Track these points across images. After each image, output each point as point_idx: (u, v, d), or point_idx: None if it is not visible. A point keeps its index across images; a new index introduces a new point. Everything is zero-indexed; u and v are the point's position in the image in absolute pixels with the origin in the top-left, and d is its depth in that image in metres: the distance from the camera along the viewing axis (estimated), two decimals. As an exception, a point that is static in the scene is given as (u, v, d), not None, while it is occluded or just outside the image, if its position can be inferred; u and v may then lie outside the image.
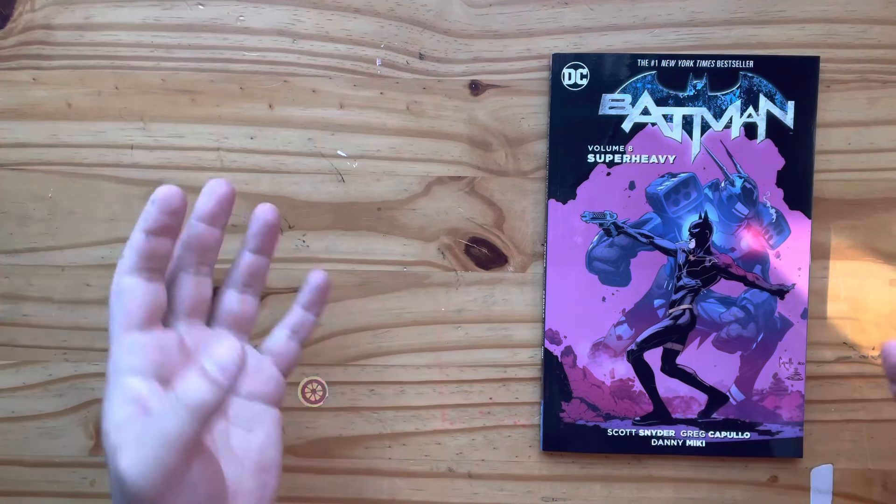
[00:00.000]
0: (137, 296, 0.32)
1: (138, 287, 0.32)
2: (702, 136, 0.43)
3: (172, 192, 0.32)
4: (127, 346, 0.32)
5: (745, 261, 0.43)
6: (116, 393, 0.31)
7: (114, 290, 0.33)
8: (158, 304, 0.33)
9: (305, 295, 0.39)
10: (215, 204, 0.34)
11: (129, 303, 0.32)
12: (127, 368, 0.31)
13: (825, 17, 0.43)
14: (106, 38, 0.44)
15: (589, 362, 0.44)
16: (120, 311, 0.32)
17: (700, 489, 0.45)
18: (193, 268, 0.35)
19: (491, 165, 0.44)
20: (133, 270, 0.32)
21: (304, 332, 0.39)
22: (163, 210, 0.32)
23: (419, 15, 0.44)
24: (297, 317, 0.38)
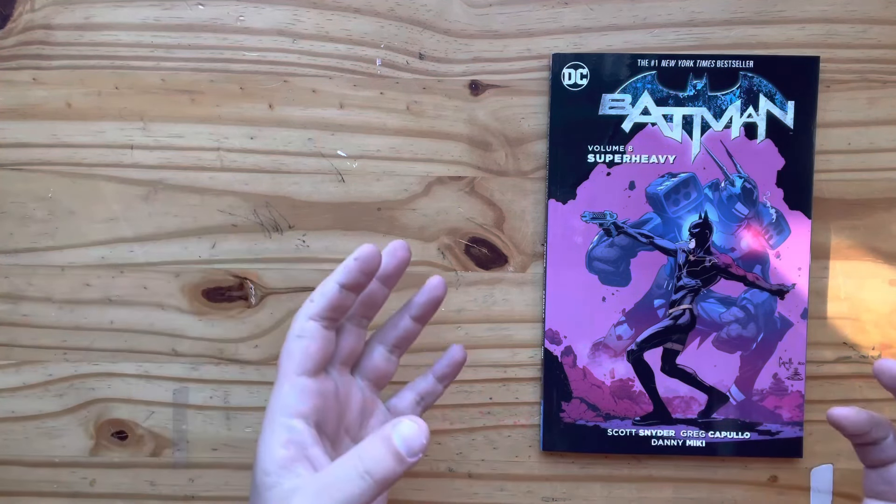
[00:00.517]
0: (318, 342, 0.33)
1: (320, 334, 0.34)
2: (702, 136, 0.43)
3: (374, 253, 0.34)
4: (297, 388, 0.33)
5: (745, 261, 0.43)
6: (280, 432, 0.32)
7: (296, 331, 0.34)
8: (331, 352, 0.35)
9: (442, 366, 0.40)
10: (395, 267, 0.36)
11: (308, 347, 0.33)
12: (293, 410, 0.32)
13: (825, 17, 0.43)
14: (106, 38, 0.44)
15: (589, 362, 0.44)
16: (300, 353, 0.33)
17: (700, 489, 0.45)
18: (357, 321, 0.37)
19: (491, 165, 0.44)
20: (319, 317, 0.34)
21: (429, 401, 0.40)
22: (363, 269, 0.34)
23: (419, 15, 0.44)
24: (429, 385, 0.39)
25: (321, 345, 0.34)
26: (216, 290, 0.45)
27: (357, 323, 0.37)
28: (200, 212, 0.44)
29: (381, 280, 0.36)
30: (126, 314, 0.45)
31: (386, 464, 0.29)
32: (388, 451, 0.29)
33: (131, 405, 0.45)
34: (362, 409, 0.37)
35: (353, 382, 0.37)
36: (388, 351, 0.38)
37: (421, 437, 0.29)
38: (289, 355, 0.33)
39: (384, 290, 0.37)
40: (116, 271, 0.45)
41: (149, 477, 0.45)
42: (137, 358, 0.45)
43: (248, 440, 0.45)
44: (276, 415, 0.32)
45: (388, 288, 0.37)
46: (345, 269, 0.34)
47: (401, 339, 0.38)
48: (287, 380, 0.33)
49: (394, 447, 0.29)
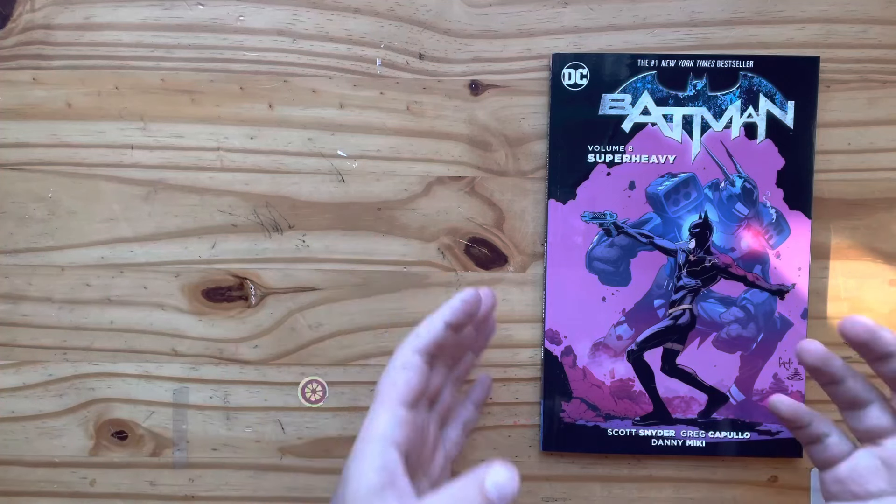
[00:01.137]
0: (419, 376, 0.35)
1: (422, 368, 0.35)
2: (702, 136, 0.43)
3: (478, 297, 0.36)
4: (396, 417, 0.33)
5: (745, 261, 0.43)
6: (375, 457, 0.32)
7: (400, 362, 0.35)
8: (426, 388, 0.36)
9: (477, 393, 0.43)
10: (486, 312, 0.39)
11: (411, 379, 0.34)
12: (390, 438, 0.33)
13: (825, 17, 0.43)
14: (106, 38, 0.44)
15: (589, 362, 0.44)
16: (403, 384, 0.34)
17: (700, 489, 0.45)
18: (446, 361, 0.39)
19: (491, 165, 0.44)
20: (423, 352, 0.35)
21: (470, 427, 0.42)
22: (467, 311, 0.36)
23: (419, 15, 0.44)
24: (469, 412, 0.42)
25: (421, 378, 0.35)
26: (216, 290, 0.45)
27: (444, 363, 0.39)
28: (200, 212, 0.45)
29: (474, 325, 0.39)
30: (126, 314, 0.45)
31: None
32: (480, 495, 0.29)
33: (131, 405, 0.45)
34: (433, 444, 0.38)
35: (430, 418, 0.38)
36: (452, 386, 0.40)
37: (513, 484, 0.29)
38: (392, 384, 0.34)
39: (472, 335, 0.40)
40: (116, 271, 0.45)
41: (149, 477, 0.45)
42: (137, 358, 0.45)
43: (248, 440, 0.45)
44: (373, 441, 0.33)
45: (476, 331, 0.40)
46: (452, 309, 0.36)
47: (462, 373, 0.41)
48: (387, 408, 0.34)
49: (486, 492, 0.29)
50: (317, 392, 0.45)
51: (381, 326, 0.45)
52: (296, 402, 0.45)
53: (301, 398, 0.45)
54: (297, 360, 0.45)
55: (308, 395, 0.45)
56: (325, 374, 0.45)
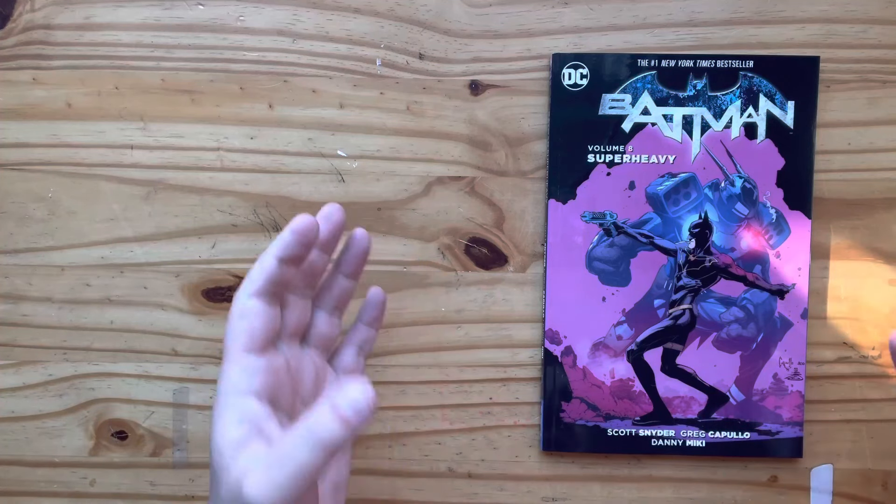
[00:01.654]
0: (261, 319, 0.33)
1: (263, 310, 0.33)
2: (702, 136, 0.43)
3: (311, 225, 0.33)
4: (245, 367, 0.32)
5: (745, 261, 0.43)
6: (232, 412, 0.31)
7: (237, 310, 0.33)
8: (277, 328, 0.34)
9: (368, 312, 0.40)
10: (332, 232, 0.36)
11: (252, 325, 0.33)
12: (244, 389, 0.32)
13: (825, 17, 0.43)
14: (106, 38, 0.44)
15: (589, 362, 0.44)
16: (242, 333, 0.32)
17: (700, 489, 0.45)
18: (301, 291, 0.36)
19: (491, 165, 0.44)
20: (260, 294, 0.33)
21: (368, 348, 0.40)
22: (301, 241, 0.33)
23: (419, 15, 0.44)
24: (362, 333, 0.40)
25: (265, 321, 0.33)
26: (216, 290, 0.45)
27: (301, 294, 0.36)
28: (200, 212, 0.45)
29: (321, 248, 0.36)
30: (126, 314, 0.45)
31: (332, 429, 0.28)
32: (335, 417, 0.28)
33: (131, 405, 0.45)
34: (316, 379, 0.37)
35: (304, 354, 0.37)
36: (328, 315, 0.38)
37: (365, 397, 0.28)
38: (233, 335, 0.33)
39: (324, 258, 0.36)
40: (116, 271, 0.45)
41: (149, 477, 0.45)
42: (137, 358, 0.45)
43: (248, 440, 0.45)
44: (227, 395, 0.32)
45: (328, 254, 0.36)
46: (282, 243, 0.33)
47: (339, 300, 0.38)
48: (235, 360, 0.32)
49: (341, 413, 0.28)
50: (317, 392, 0.45)
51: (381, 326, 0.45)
52: (296, 402, 0.45)
53: (301, 398, 0.45)
54: (297, 360, 0.45)
55: (308, 395, 0.45)
56: (325, 374, 0.45)
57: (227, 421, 0.31)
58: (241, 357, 0.32)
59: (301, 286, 0.36)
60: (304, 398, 0.36)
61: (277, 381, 0.33)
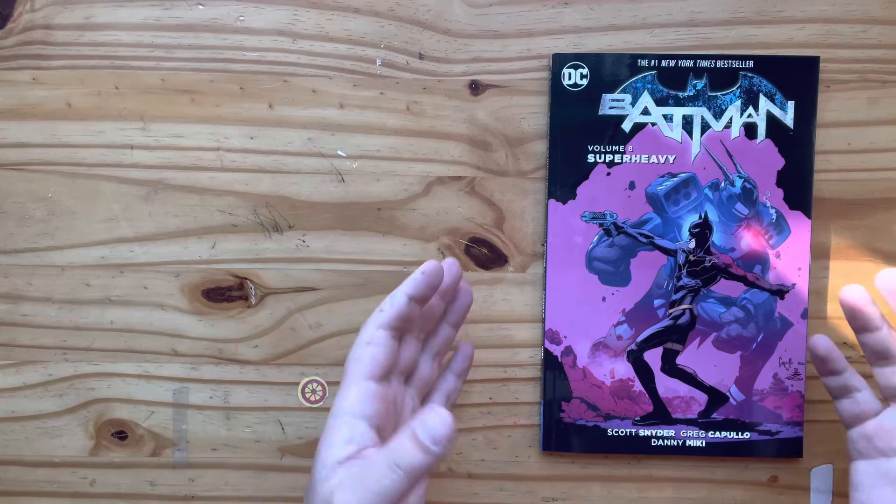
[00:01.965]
0: (385, 350, 0.35)
1: (388, 342, 0.35)
2: (702, 136, 0.43)
3: (438, 269, 0.36)
4: (364, 391, 0.34)
5: (745, 261, 0.43)
6: (343, 430, 0.33)
7: (366, 337, 0.35)
8: (395, 361, 0.37)
9: (458, 363, 0.42)
10: (451, 281, 0.39)
11: (377, 354, 0.35)
12: (358, 412, 0.34)
13: (825, 17, 0.43)
14: (106, 38, 0.44)
15: (589, 362, 0.44)
16: (368, 359, 0.35)
17: (700, 489, 0.45)
18: (416, 334, 0.38)
19: (491, 165, 0.44)
20: (388, 327, 0.36)
21: (454, 397, 0.42)
22: (429, 282, 0.36)
23: (419, 15, 0.44)
24: (451, 382, 0.42)
25: (388, 353, 0.35)
26: (216, 290, 0.45)
27: (415, 335, 0.38)
28: (200, 212, 0.45)
29: (440, 295, 0.39)
30: (126, 314, 0.45)
31: (413, 455, 0.30)
32: (414, 443, 0.30)
33: (131, 405, 0.45)
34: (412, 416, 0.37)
35: (406, 392, 0.39)
36: (431, 359, 0.40)
37: (445, 426, 0.30)
38: (358, 360, 0.35)
39: (441, 305, 0.39)
40: (116, 271, 0.45)
41: (149, 477, 0.45)
42: (137, 358, 0.45)
43: (248, 440, 0.45)
44: (342, 414, 0.34)
45: (444, 302, 0.39)
46: (413, 282, 0.36)
47: (441, 347, 0.40)
48: (355, 383, 0.34)
49: (419, 439, 0.30)
50: (317, 392, 0.45)
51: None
52: (296, 402, 0.45)
53: (301, 398, 0.45)
54: (297, 360, 0.45)
55: (308, 395, 0.45)
56: (325, 374, 0.45)
57: (337, 438, 0.33)
58: (361, 381, 0.34)
59: (417, 328, 0.38)
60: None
61: (386, 410, 0.35)
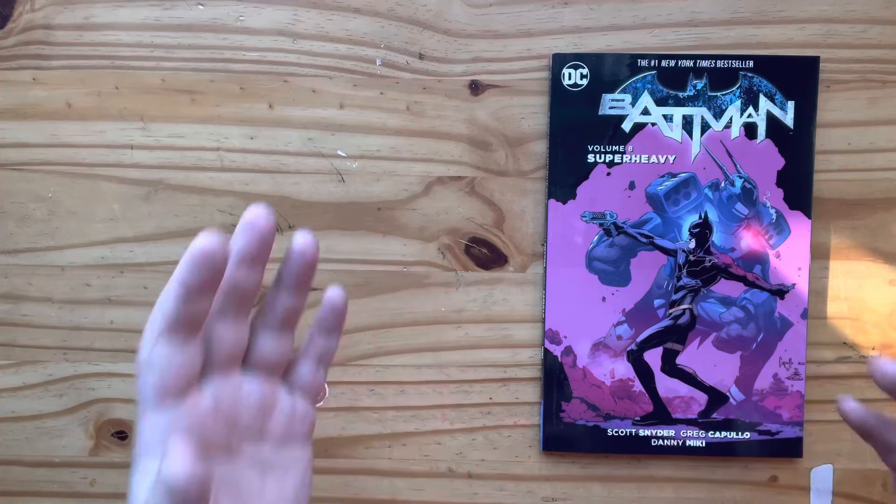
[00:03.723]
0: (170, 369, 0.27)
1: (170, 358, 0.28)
2: (702, 136, 0.43)
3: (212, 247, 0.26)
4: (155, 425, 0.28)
5: (745, 261, 0.43)
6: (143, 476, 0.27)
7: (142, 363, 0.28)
8: (196, 367, 0.29)
9: (325, 318, 0.33)
10: (258, 243, 0.29)
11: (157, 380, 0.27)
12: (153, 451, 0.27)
13: (825, 17, 0.43)
14: (106, 38, 0.44)
15: (589, 362, 0.44)
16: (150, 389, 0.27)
17: (700, 489, 0.45)
18: (233, 315, 0.29)
19: (491, 165, 0.44)
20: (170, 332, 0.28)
21: (328, 358, 0.33)
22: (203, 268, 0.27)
23: (419, 15, 0.44)
24: (320, 343, 0.33)
25: (175, 370, 0.27)
26: (216, 290, 0.45)
27: (233, 318, 0.30)
28: (200, 212, 0.45)
29: (247, 263, 0.29)
30: (126, 314, 0.45)
31: None
32: None
33: (131, 405, 0.45)
34: (261, 406, 0.31)
35: (243, 381, 0.31)
36: (275, 335, 0.31)
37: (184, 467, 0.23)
38: (140, 392, 0.28)
39: (254, 274, 0.29)
40: (116, 271, 0.45)
41: (149, 477, 0.45)
42: (137, 358, 0.45)
43: (248, 440, 0.45)
44: (139, 458, 0.27)
45: (260, 267, 0.29)
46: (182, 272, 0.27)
47: (285, 318, 0.31)
48: (144, 419, 0.28)
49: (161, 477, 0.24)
50: (317, 392, 0.45)
51: (381, 326, 0.45)
52: (296, 402, 0.45)
53: (301, 398, 0.45)
54: (297, 360, 0.45)
55: (308, 395, 0.45)
56: (325, 374, 0.45)
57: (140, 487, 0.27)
58: (149, 416, 0.27)
59: (232, 309, 0.29)
60: (244, 430, 0.31)
61: (203, 424, 0.28)
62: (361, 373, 0.45)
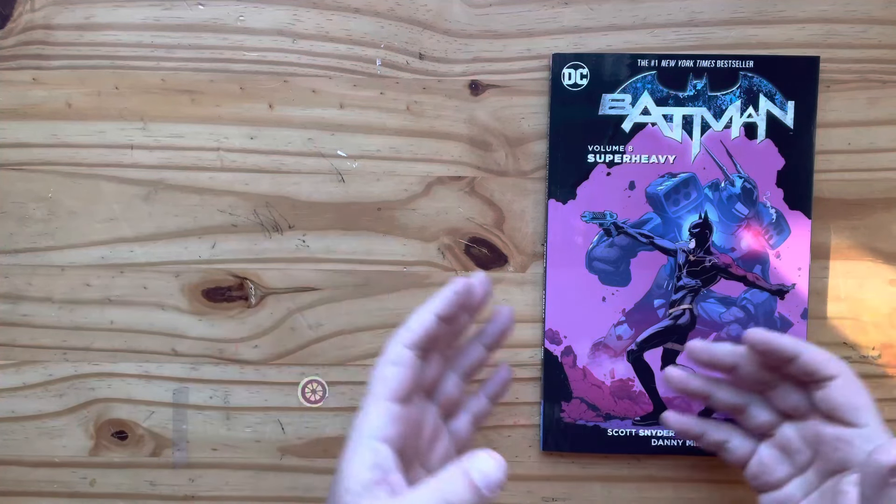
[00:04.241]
0: (411, 370, 0.34)
1: (413, 363, 0.34)
2: (702, 136, 0.43)
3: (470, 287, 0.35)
4: (387, 413, 0.33)
5: (745, 261, 0.43)
6: (367, 454, 0.32)
7: (391, 357, 0.34)
8: (419, 381, 0.35)
9: (493, 387, 0.41)
10: (481, 298, 0.37)
11: (401, 374, 0.34)
12: (381, 435, 0.33)
13: (825, 17, 0.43)
14: (106, 38, 0.44)
15: (589, 362, 0.44)
16: (392, 380, 0.34)
17: (700, 489, 0.45)
18: (442, 351, 0.37)
19: (491, 165, 0.44)
20: (415, 346, 0.34)
21: (482, 420, 0.41)
22: (459, 302, 0.35)
23: (419, 15, 0.44)
24: (481, 405, 0.41)
25: (412, 373, 0.34)
26: (216, 290, 0.45)
27: (441, 353, 0.37)
28: (200, 212, 0.45)
29: (468, 311, 0.37)
30: (126, 314, 0.45)
31: (463, 496, 0.29)
32: (466, 484, 0.29)
33: (131, 405, 0.45)
34: (433, 436, 0.38)
35: (427, 408, 0.38)
36: (459, 378, 0.39)
37: (499, 473, 0.29)
38: (382, 380, 0.34)
39: (468, 321, 0.38)
40: (116, 271, 0.45)
41: (149, 477, 0.45)
42: (137, 358, 0.45)
43: (248, 440, 0.45)
44: (364, 437, 0.33)
45: (472, 318, 0.38)
46: (442, 300, 0.35)
47: (471, 367, 0.39)
48: (377, 404, 0.33)
49: (472, 481, 0.29)
50: (317, 392, 0.45)
51: (381, 326, 0.45)
52: (296, 402, 0.45)
53: (301, 398, 0.45)
54: (297, 360, 0.45)
55: (308, 395, 0.45)
56: (325, 374, 0.45)
57: (361, 463, 0.32)
58: (384, 402, 0.33)
59: (443, 345, 0.37)
60: (419, 452, 0.36)
61: (408, 432, 0.34)
62: (361, 373, 0.45)
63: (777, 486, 0.38)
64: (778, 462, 0.39)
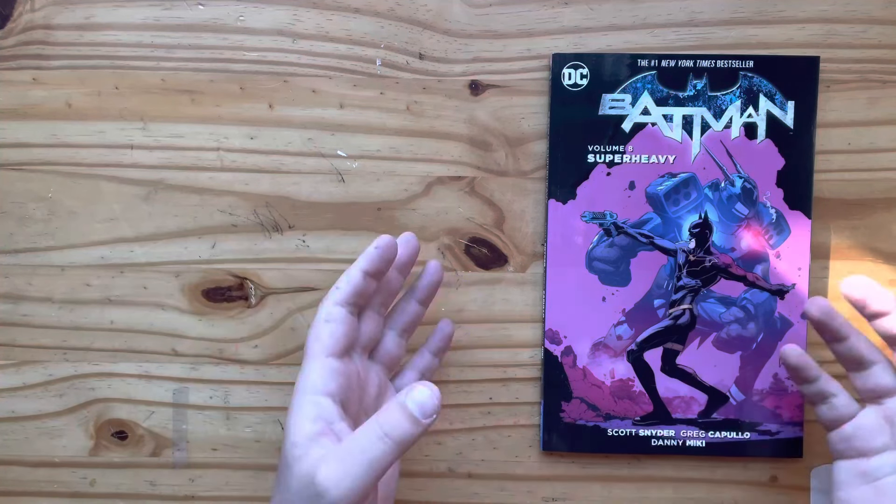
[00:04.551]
0: (344, 326, 0.36)
1: (345, 318, 0.36)
2: (702, 136, 0.43)
3: (392, 242, 0.37)
4: (325, 368, 0.35)
5: (745, 261, 0.43)
6: (308, 409, 0.34)
7: (324, 315, 0.36)
8: (355, 337, 0.37)
9: (436, 341, 0.43)
10: (408, 256, 0.40)
11: (335, 330, 0.36)
12: (321, 389, 0.34)
13: (825, 17, 0.43)
14: (106, 38, 0.44)
15: (589, 362, 0.44)
16: (327, 336, 0.35)
17: (700, 489, 0.45)
18: (377, 309, 0.39)
19: (491, 165, 0.44)
20: (345, 302, 0.36)
21: (429, 375, 0.43)
22: (383, 256, 0.37)
23: (419, 15, 0.44)
24: (426, 361, 0.42)
25: (347, 329, 0.36)
26: (216, 290, 0.45)
27: (376, 310, 0.39)
28: (200, 212, 0.45)
29: (397, 269, 0.39)
30: (126, 314, 0.45)
31: (403, 426, 0.31)
32: (403, 415, 0.31)
33: (131, 405, 0.45)
34: (378, 392, 0.39)
35: (371, 367, 0.39)
36: (398, 336, 0.41)
37: (434, 400, 0.32)
38: (317, 338, 0.35)
39: (399, 279, 0.40)
40: (116, 271, 0.45)
41: (149, 477, 0.45)
42: (137, 358, 0.45)
43: (248, 440, 0.45)
44: (305, 393, 0.34)
45: (403, 276, 0.40)
46: (367, 257, 0.37)
47: (408, 324, 0.41)
48: (315, 361, 0.35)
49: (409, 411, 0.31)
50: (317, 392, 0.45)
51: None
52: (296, 402, 0.45)
53: (301, 398, 0.45)
54: (297, 360, 0.45)
55: (308, 395, 0.45)
56: (325, 374, 0.45)
57: (303, 417, 0.33)
58: (322, 358, 0.35)
59: (377, 303, 0.39)
60: (366, 408, 0.38)
61: (349, 386, 0.36)
62: (361, 373, 0.45)
63: (866, 453, 0.37)
64: (878, 430, 0.37)
